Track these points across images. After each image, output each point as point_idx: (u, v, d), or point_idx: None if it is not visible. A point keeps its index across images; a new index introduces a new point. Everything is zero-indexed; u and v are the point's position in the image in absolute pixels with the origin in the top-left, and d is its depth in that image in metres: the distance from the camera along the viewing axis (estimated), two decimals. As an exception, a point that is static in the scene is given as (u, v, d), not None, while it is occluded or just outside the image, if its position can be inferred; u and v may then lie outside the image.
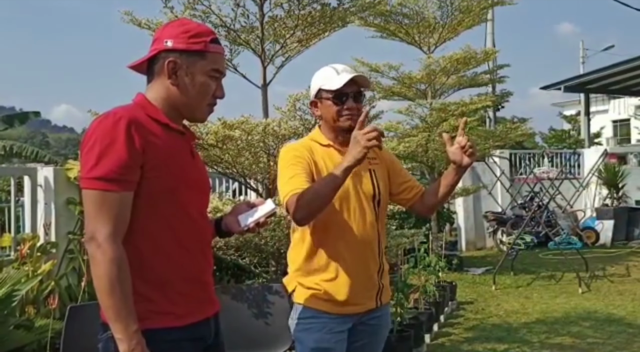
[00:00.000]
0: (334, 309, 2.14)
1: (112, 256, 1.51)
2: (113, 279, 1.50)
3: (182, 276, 1.66)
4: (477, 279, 8.20)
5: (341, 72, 2.17)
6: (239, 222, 1.86)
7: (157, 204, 1.61)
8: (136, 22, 4.14)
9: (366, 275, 2.18)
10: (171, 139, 1.67)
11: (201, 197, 1.78)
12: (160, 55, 1.68)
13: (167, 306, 1.62)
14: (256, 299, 3.43)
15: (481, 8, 8.81)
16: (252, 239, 3.84)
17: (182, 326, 1.64)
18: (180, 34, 1.68)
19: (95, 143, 1.54)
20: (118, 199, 1.54)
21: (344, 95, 2.14)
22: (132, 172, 1.55)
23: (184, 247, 1.67)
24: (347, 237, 2.14)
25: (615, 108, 29.60)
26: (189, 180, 1.69)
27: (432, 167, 8.70)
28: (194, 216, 1.71)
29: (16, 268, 3.94)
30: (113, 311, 1.50)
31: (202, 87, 1.70)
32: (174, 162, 1.65)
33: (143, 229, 1.60)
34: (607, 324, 5.67)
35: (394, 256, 4.83)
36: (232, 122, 3.63)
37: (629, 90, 15.75)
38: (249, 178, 4.25)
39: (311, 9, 4.16)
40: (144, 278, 1.59)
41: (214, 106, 1.78)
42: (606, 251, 10.48)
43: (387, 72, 8.78)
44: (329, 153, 2.19)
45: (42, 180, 4.78)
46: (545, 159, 13.46)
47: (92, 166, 1.53)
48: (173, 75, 1.67)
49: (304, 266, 2.17)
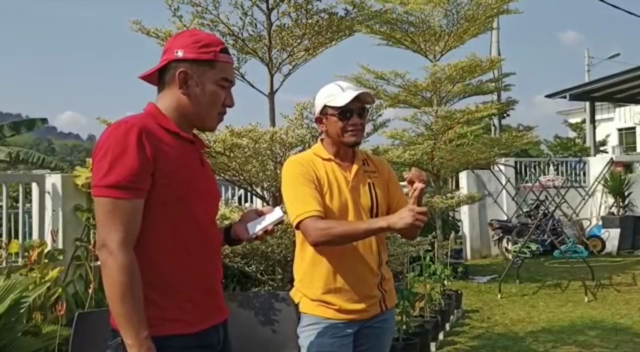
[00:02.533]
0: (339, 315, 2.19)
1: (123, 263, 1.52)
2: (124, 286, 1.52)
3: (192, 284, 1.68)
4: (482, 287, 8.17)
5: (346, 89, 2.23)
6: (248, 230, 1.88)
7: (167, 212, 1.63)
8: (144, 31, 4.18)
9: (367, 286, 2.23)
10: (181, 147, 1.69)
11: (210, 205, 1.80)
12: (171, 65, 1.71)
13: (177, 313, 1.64)
14: (263, 306, 3.43)
15: (487, 17, 8.82)
16: (259, 247, 3.84)
17: (192, 333, 1.65)
18: (190, 44, 1.70)
19: (107, 152, 1.56)
20: (129, 206, 1.56)
21: (349, 111, 2.20)
22: (143, 180, 1.57)
23: (194, 255, 1.69)
24: (346, 250, 2.18)
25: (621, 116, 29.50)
26: (198, 188, 1.71)
27: (438, 175, 8.70)
28: (204, 223, 1.73)
29: (24, 275, 3.96)
30: (124, 318, 1.52)
31: (213, 97, 1.72)
32: (184, 171, 1.67)
33: (154, 236, 1.62)
34: (614, 333, 5.64)
35: (400, 264, 4.82)
36: (240, 130, 3.65)
37: (634, 98, 15.71)
38: (255, 186, 4.26)
39: (319, 18, 4.19)
40: (154, 285, 1.61)
41: (224, 115, 1.80)
42: (612, 260, 10.43)
43: (393, 80, 8.80)
44: (331, 166, 2.25)
45: (50, 187, 4.80)
46: (550, 167, 13.43)
47: (104, 174, 1.55)
48: (184, 85, 1.70)
49: (305, 277, 2.24)
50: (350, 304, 2.18)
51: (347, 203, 2.19)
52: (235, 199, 7.15)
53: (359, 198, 2.23)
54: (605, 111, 26.84)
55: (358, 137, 2.24)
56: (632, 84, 13.72)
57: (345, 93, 2.20)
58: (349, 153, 2.29)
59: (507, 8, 9.13)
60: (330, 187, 2.19)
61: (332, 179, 2.20)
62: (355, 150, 2.32)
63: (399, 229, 1.99)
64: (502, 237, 11.09)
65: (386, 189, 2.33)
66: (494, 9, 8.77)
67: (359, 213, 2.21)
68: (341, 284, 2.18)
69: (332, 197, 2.18)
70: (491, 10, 8.73)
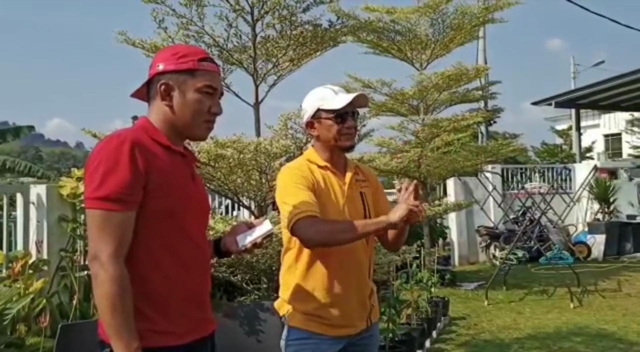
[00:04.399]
0: (328, 331, 2.17)
1: (114, 275, 1.54)
2: (115, 298, 1.53)
3: (182, 296, 1.70)
4: (469, 294, 8.21)
5: (338, 92, 2.22)
6: (237, 242, 1.89)
7: (158, 225, 1.65)
8: (130, 42, 4.20)
9: (358, 298, 2.22)
10: (173, 161, 1.72)
11: (201, 218, 1.83)
12: (155, 79, 1.74)
13: (167, 325, 1.66)
14: (248, 316, 3.44)
15: (472, 26, 8.92)
16: (244, 257, 3.85)
17: (181, 345, 1.67)
18: (170, 56, 1.74)
19: (100, 164, 1.58)
20: (121, 219, 1.58)
21: (345, 114, 2.18)
22: (135, 192, 1.59)
23: (184, 267, 1.70)
24: (341, 261, 2.17)
25: (606, 123, 29.86)
26: (189, 201, 1.73)
27: (425, 182, 8.75)
28: (194, 236, 1.75)
29: (8, 286, 3.94)
30: (115, 329, 1.54)
31: (195, 104, 1.74)
32: (175, 184, 1.69)
33: (144, 248, 1.64)
34: (599, 339, 5.69)
35: (386, 273, 4.85)
36: (224, 141, 3.67)
37: (619, 105, 15.90)
38: (241, 195, 4.28)
39: (303, 29, 4.22)
40: (144, 297, 1.63)
41: (213, 123, 1.81)
42: (598, 266, 10.51)
43: (380, 88, 8.85)
44: (327, 174, 2.23)
45: (35, 197, 4.78)
46: (536, 174, 13.54)
47: (96, 187, 1.57)
48: (167, 96, 1.73)
49: (298, 289, 2.19)
50: (343, 319, 2.17)
51: (342, 211, 2.17)
52: (223, 208, 7.15)
53: (353, 207, 2.22)
54: (591, 118, 27.14)
55: (353, 140, 2.22)
56: (616, 91, 13.88)
57: (339, 96, 2.19)
58: (341, 159, 2.27)
59: (492, 17, 9.23)
60: (327, 194, 2.17)
61: (329, 186, 2.19)
62: (346, 158, 2.31)
63: (396, 222, 1.97)
64: (489, 244, 11.16)
65: (375, 199, 2.33)
66: (479, 18, 8.87)
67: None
68: (334, 296, 2.16)
69: (329, 205, 2.16)
70: (477, 19, 8.83)
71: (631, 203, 12.86)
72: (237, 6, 4.09)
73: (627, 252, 11.83)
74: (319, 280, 2.16)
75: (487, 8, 8.97)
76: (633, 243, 11.96)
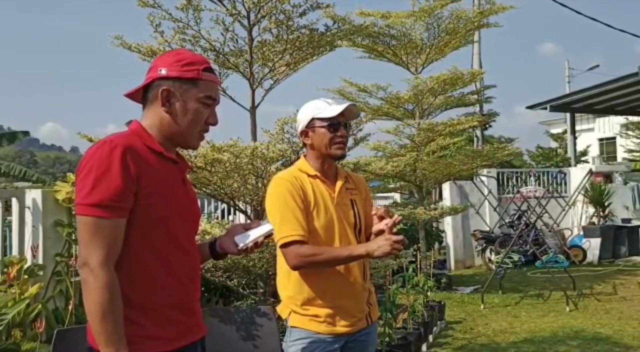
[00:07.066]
0: (329, 330, 2.24)
1: (104, 282, 1.53)
2: (105, 305, 1.53)
3: (171, 303, 1.69)
4: (465, 298, 8.22)
5: (332, 103, 2.32)
6: (236, 242, 1.89)
7: (148, 232, 1.64)
8: (126, 46, 4.19)
9: (356, 300, 2.30)
10: (165, 167, 1.71)
11: (191, 225, 1.82)
12: (154, 84, 1.73)
13: (157, 331, 1.65)
14: (244, 321, 3.42)
15: (467, 30, 8.96)
16: (240, 261, 3.85)
17: (170, 350, 1.67)
18: (174, 62, 1.73)
19: (91, 170, 1.57)
20: (111, 225, 1.57)
21: (337, 123, 2.28)
22: (126, 199, 1.58)
23: (173, 275, 1.70)
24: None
25: (601, 127, 29.97)
26: (180, 209, 1.73)
27: (420, 186, 8.77)
28: (184, 244, 1.74)
29: (3, 291, 3.92)
30: (104, 336, 1.53)
31: (195, 115, 1.74)
32: (167, 191, 1.69)
33: (134, 255, 1.63)
34: (594, 342, 5.71)
35: (382, 277, 4.84)
36: (221, 145, 3.67)
37: (613, 109, 15.97)
38: (237, 200, 4.27)
39: (299, 33, 4.23)
40: (133, 304, 1.62)
41: (206, 133, 1.82)
42: (593, 269, 10.54)
43: (376, 93, 8.89)
44: (317, 183, 2.31)
45: (30, 202, 4.76)
46: (531, 178, 13.58)
47: (87, 193, 1.56)
48: (167, 102, 1.72)
49: (296, 294, 2.27)
50: (342, 319, 2.25)
51: (332, 219, 2.26)
52: (219, 212, 7.14)
53: (344, 214, 2.30)
54: (585, 122, 27.24)
55: (344, 149, 2.33)
56: (611, 95, 13.94)
57: (332, 107, 2.29)
58: (332, 168, 2.36)
59: (487, 22, 9.29)
60: (316, 204, 2.25)
61: (318, 196, 2.27)
62: (337, 167, 2.39)
63: (377, 257, 2.12)
64: (485, 248, 11.17)
65: (364, 206, 2.41)
66: (474, 23, 8.91)
67: (343, 229, 2.28)
68: (333, 299, 2.24)
69: (319, 214, 2.24)
70: (471, 24, 8.87)
71: (626, 207, 12.92)
72: (234, 10, 4.09)
73: (622, 256, 11.88)
74: (316, 284, 2.24)
75: (481, 12, 9.02)
76: (628, 246, 12.01)
